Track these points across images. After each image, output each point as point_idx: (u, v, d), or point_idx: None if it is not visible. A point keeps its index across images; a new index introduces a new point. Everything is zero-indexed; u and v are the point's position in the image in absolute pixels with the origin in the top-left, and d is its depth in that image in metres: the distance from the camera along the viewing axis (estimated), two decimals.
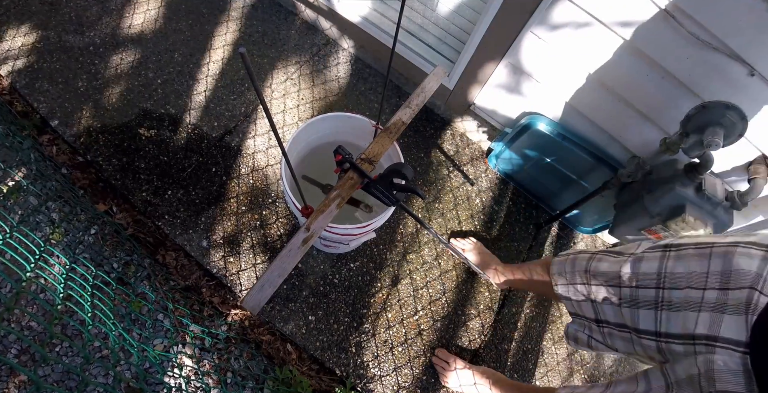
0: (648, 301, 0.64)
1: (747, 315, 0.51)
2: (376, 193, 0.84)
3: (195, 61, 1.61)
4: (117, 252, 1.32)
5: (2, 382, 1.17)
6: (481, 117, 1.54)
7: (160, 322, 1.27)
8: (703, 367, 0.52)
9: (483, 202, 1.54)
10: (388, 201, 0.85)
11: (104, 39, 1.61)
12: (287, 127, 1.54)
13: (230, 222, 1.37)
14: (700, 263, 0.59)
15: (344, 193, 0.82)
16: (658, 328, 0.62)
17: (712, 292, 0.56)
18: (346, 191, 0.83)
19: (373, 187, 0.83)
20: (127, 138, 1.45)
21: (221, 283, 1.31)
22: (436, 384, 1.28)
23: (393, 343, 1.30)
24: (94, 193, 1.39)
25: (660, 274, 0.64)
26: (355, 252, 1.39)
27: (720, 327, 0.53)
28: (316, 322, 1.29)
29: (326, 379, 1.26)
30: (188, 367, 1.24)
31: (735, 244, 0.57)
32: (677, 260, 0.63)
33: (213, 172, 1.43)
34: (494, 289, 1.42)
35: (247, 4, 1.75)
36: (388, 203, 0.85)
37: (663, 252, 0.66)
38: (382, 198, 0.84)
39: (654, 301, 0.63)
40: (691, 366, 0.54)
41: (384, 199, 0.84)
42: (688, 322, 0.57)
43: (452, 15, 1.44)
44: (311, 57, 1.67)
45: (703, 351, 0.53)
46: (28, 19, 1.62)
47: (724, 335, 0.52)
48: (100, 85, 1.52)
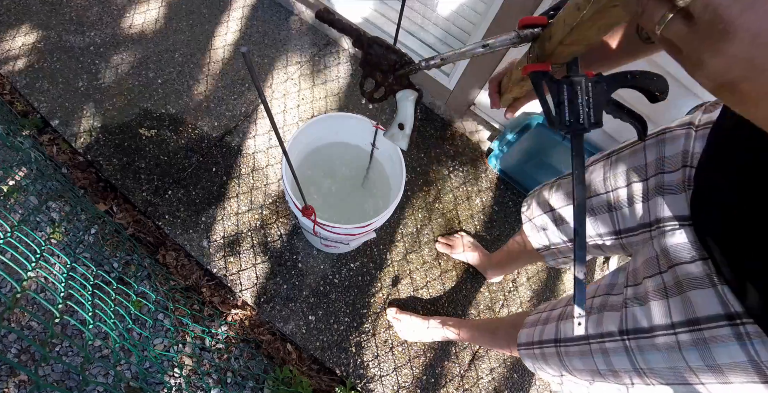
0: (602, 206, 0.67)
1: (685, 192, 0.54)
2: (562, 97, 0.45)
3: (195, 61, 1.61)
4: (117, 252, 1.32)
5: (2, 382, 1.17)
6: (481, 117, 1.54)
7: (160, 321, 1.27)
8: (659, 248, 0.54)
9: (483, 202, 1.54)
10: (573, 119, 0.45)
11: (105, 39, 1.61)
12: (288, 127, 1.54)
13: (230, 222, 1.37)
14: (636, 158, 0.63)
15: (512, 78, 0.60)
16: (617, 227, 0.66)
17: (653, 179, 0.59)
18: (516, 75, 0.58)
19: (567, 86, 0.45)
20: (127, 138, 1.45)
21: (221, 283, 1.31)
22: (436, 384, 1.28)
23: (393, 343, 1.30)
24: (95, 192, 1.39)
25: (605, 178, 0.68)
26: (355, 252, 1.39)
27: (664, 208, 0.56)
28: (316, 322, 1.29)
29: (326, 378, 1.26)
30: (188, 367, 1.25)
31: (662, 131, 0.62)
32: (617, 162, 0.67)
33: (213, 171, 1.43)
34: (494, 289, 1.43)
35: (248, 4, 1.75)
36: (567, 124, 0.45)
37: (606, 159, 0.70)
38: (564, 112, 0.45)
39: (607, 204, 0.66)
40: (648, 251, 0.57)
41: (566, 113, 0.45)
42: (639, 213, 0.60)
43: (452, 15, 1.44)
44: (311, 57, 1.67)
45: (656, 235, 0.56)
46: (28, 19, 1.62)
47: (669, 214, 0.55)
48: (100, 85, 1.52)
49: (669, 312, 0.50)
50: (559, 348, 0.68)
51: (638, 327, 0.53)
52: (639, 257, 0.59)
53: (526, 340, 0.78)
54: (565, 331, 0.67)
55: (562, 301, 0.75)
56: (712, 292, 0.46)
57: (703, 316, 0.46)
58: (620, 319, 0.56)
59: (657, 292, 0.52)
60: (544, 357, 0.72)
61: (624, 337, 0.55)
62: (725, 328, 0.44)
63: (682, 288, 0.49)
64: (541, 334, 0.73)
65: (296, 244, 1.37)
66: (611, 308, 0.59)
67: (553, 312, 0.74)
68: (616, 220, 0.65)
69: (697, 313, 0.47)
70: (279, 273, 1.33)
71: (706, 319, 0.46)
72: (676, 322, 0.49)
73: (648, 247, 0.57)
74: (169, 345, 1.26)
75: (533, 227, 0.84)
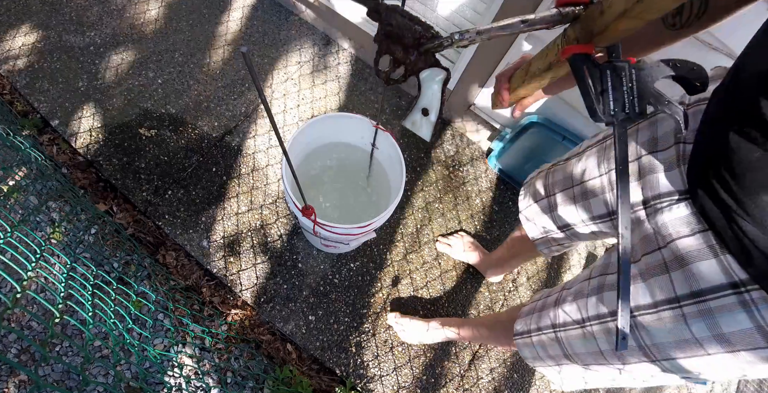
0: (594, 190, 0.67)
1: (679, 167, 0.53)
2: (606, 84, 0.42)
3: (195, 61, 1.61)
4: (117, 252, 1.32)
5: (2, 382, 1.17)
6: (481, 117, 1.54)
7: (160, 321, 1.27)
8: (655, 225, 0.54)
9: (483, 202, 1.54)
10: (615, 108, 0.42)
11: (105, 39, 1.61)
12: (287, 127, 1.54)
13: (230, 222, 1.37)
14: (630, 140, 0.63)
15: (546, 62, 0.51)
16: (609, 208, 0.66)
17: (645, 158, 0.59)
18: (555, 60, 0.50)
19: (611, 72, 0.41)
20: (127, 138, 1.45)
21: (221, 283, 1.31)
22: (436, 384, 1.28)
23: (393, 343, 1.30)
24: (95, 192, 1.39)
25: (599, 163, 0.67)
26: (355, 252, 1.39)
27: (659, 185, 0.55)
28: (316, 322, 1.29)
29: (326, 378, 1.26)
30: (188, 367, 1.25)
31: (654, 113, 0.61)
32: (611, 147, 0.66)
33: (213, 171, 1.43)
34: (494, 289, 1.43)
35: (248, 4, 1.75)
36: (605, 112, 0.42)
37: (600, 144, 0.70)
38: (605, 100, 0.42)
39: (601, 187, 0.66)
40: (645, 229, 0.56)
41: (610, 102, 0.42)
42: (635, 192, 0.60)
43: (452, 15, 1.44)
44: (311, 57, 1.67)
45: (652, 212, 0.56)
46: (28, 19, 1.62)
47: (665, 190, 0.54)
48: (100, 85, 1.52)
49: (672, 286, 0.50)
50: (558, 333, 0.68)
51: (641, 304, 0.53)
52: (636, 235, 0.58)
53: (523, 329, 0.77)
54: (564, 316, 0.67)
55: (556, 288, 0.75)
56: (714, 263, 0.46)
57: (707, 287, 0.46)
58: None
59: (657, 267, 0.52)
60: (542, 345, 0.72)
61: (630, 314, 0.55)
62: (730, 297, 0.45)
63: (684, 261, 0.49)
64: (539, 320, 0.73)
65: (296, 244, 1.37)
66: (609, 288, 0.59)
67: (549, 299, 0.74)
68: (608, 202, 0.65)
69: (701, 284, 0.47)
70: (279, 273, 1.33)
71: (710, 290, 0.46)
72: (681, 295, 0.49)
73: (643, 224, 0.57)
74: (169, 345, 1.26)
75: (528, 215, 0.85)
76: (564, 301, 0.68)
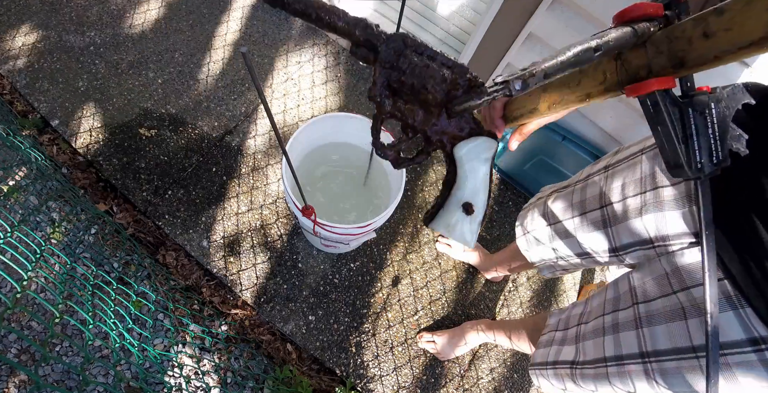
0: (596, 222, 0.66)
1: (690, 206, 0.51)
2: (689, 128, 0.33)
3: (195, 61, 1.61)
4: (117, 252, 1.32)
5: (2, 382, 1.17)
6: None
7: (160, 321, 1.27)
8: (669, 267, 0.53)
9: None
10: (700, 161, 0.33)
11: (105, 39, 1.61)
12: (287, 127, 1.54)
13: (230, 222, 1.37)
14: (632, 172, 0.61)
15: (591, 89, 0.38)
16: (613, 244, 0.64)
17: (650, 193, 0.57)
18: (596, 88, 0.37)
19: (692, 111, 0.33)
20: (127, 138, 1.45)
21: (221, 283, 1.31)
22: (436, 384, 1.28)
23: (393, 343, 1.30)
24: (95, 192, 1.39)
25: (602, 193, 0.66)
26: (355, 252, 1.39)
27: (666, 224, 0.53)
28: (316, 322, 1.29)
29: (326, 378, 1.26)
30: (188, 367, 1.25)
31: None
32: (613, 176, 0.65)
33: (213, 171, 1.43)
34: (494, 289, 1.43)
35: (248, 4, 1.75)
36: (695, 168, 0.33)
37: (603, 173, 0.68)
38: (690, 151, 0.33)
39: (602, 220, 0.65)
40: (656, 268, 0.55)
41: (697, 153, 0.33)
42: (636, 229, 0.58)
43: (452, 15, 1.44)
44: (311, 57, 1.67)
45: (662, 252, 0.54)
46: (28, 19, 1.62)
47: (675, 231, 0.53)
48: (100, 85, 1.52)
49: (689, 335, 0.48)
50: (575, 369, 0.67)
51: (659, 349, 0.52)
52: (646, 273, 0.57)
53: (541, 360, 0.77)
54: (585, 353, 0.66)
55: (573, 319, 0.73)
56: (733, 316, 0.44)
57: (727, 341, 0.45)
58: (639, 340, 0.55)
59: (674, 312, 0.51)
60: (557, 376, 0.71)
61: (645, 360, 0.54)
62: (751, 354, 0.43)
63: (701, 310, 0.47)
64: (557, 354, 0.72)
65: (296, 244, 1.37)
66: (625, 327, 0.58)
67: (568, 332, 0.72)
68: (611, 236, 0.63)
69: (720, 337, 0.45)
70: (279, 273, 1.33)
71: (729, 345, 0.44)
72: (697, 346, 0.47)
73: (655, 263, 0.55)
74: (169, 345, 1.26)
75: (528, 242, 0.83)
76: (584, 338, 0.67)
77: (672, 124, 0.32)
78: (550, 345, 0.76)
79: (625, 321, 0.58)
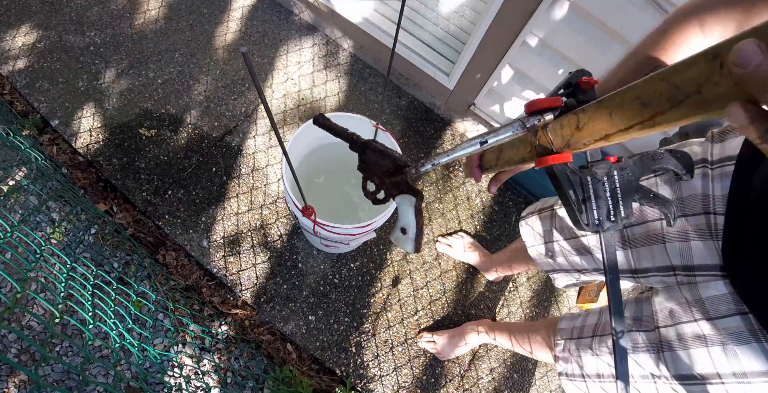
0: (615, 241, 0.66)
1: (713, 240, 0.51)
2: (587, 192, 0.40)
3: (195, 61, 1.61)
4: (117, 252, 1.32)
5: (2, 382, 1.17)
6: (481, 117, 1.54)
7: (160, 321, 1.27)
8: (691, 296, 0.53)
9: (483, 202, 1.54)
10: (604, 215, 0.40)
11: (105, 39, 1.61)
12: (287, 128, 1.54)
13: (230, 222, 1.37)
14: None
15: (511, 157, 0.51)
16: (633, 266, 0.63)
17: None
18: (519, 155, 0.48)
19: (591, 179, 0.39)
20: (127, 138, 1.45)
21: (221, 283, 1.31)
22: (436, 384, 1.28)
23: (393, 343, 1.30)
24: (95, 192, 1.39)
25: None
26: (355, 252, 1.39)
27: (692, 255, 0.53)
28: (316, 322, 1.29)
29: (326, 378, 1.26)
30: (188, 367, 1.25)
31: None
32: None
33: (213, 171, 1.43)
34: (494, 289, 1.43)
35: (248, 4, 1.75)
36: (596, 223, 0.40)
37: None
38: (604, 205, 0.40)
39: (620, 241, 0.64)
40: (677, 296, 0.55)
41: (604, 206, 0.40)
42: (658, 255, 0.58)
43: (452, 15, 1.44)
44: (311, 57, 1.67)
45: (685, 281, 0.54)
46: (28, 19, 1.62)
47: (699, 262, 0.53)
48: (100, 85, 1.52)
49: (713, 362, 0.50)
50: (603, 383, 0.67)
51: (682, 373, 0.53)
52: (669, 298, 0.57)
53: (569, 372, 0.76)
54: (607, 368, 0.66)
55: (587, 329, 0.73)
56: (756, 348, 0.46)
57: (751, 371, 0.46)
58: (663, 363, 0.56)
59: (697, 339, 0.52)
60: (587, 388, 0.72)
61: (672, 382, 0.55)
62: None
63: (725, 341, 0.49)
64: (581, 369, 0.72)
65: (296, 244, 1.37)
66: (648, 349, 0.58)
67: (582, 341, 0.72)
68: (631, 258, 0.63)
69: (743, 367, 0.47)
70: (279, 273, 1.33)
71: (753, 374, 0.46)
72: (723, 373, 0.49)
73: (676, 291, 0.56)
74: (169, 345, 1.26)
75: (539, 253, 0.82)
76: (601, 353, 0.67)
77: (572, 189, 0.39)
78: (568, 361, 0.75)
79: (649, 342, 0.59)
